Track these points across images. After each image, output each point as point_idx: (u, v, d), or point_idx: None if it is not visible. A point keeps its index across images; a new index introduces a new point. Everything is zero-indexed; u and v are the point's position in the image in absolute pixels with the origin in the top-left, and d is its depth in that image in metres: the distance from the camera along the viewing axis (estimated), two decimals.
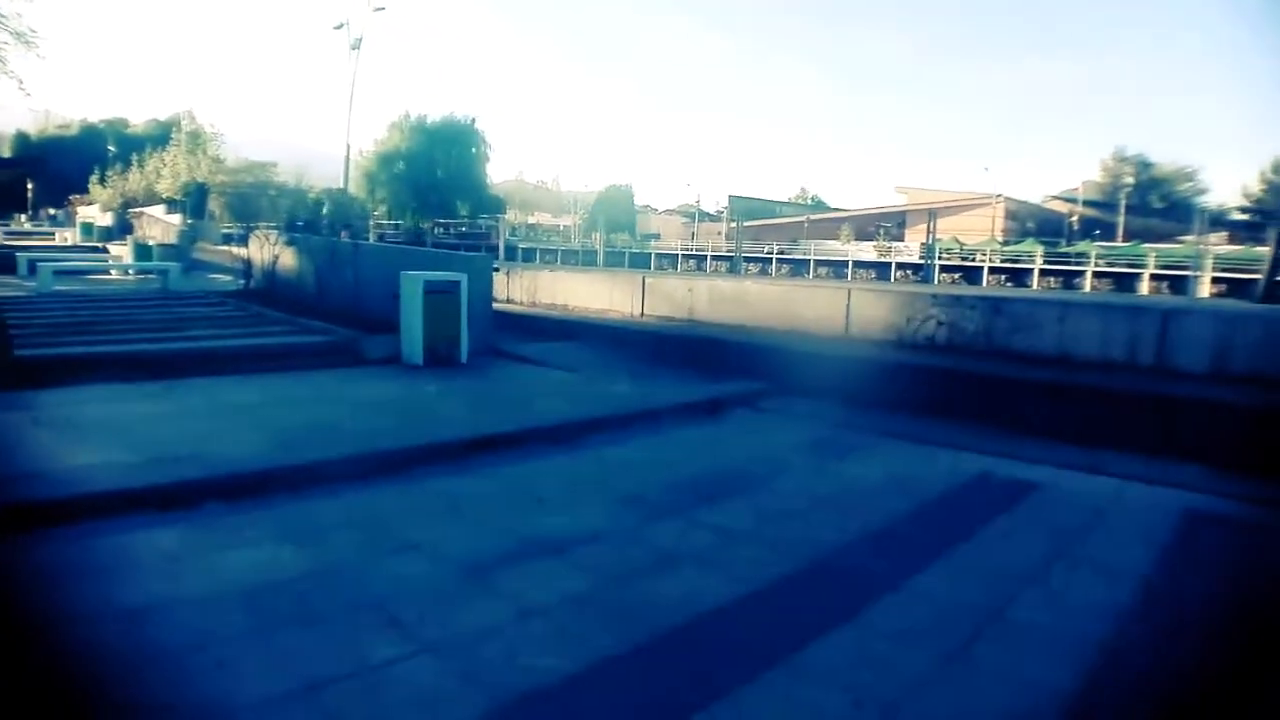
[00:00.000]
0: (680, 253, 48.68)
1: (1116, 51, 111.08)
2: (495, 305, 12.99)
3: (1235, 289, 29.73)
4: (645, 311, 11.12)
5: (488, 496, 4.88)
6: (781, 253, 44.39)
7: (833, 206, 67.07)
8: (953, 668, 3.01)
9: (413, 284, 9.01)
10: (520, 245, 53.09)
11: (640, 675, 2.89)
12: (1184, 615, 3.56)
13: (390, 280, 9.58)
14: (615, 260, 47.32)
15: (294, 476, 4.86)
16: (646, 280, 11.42)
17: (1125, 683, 2.92)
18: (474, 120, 64.49)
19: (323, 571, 3.66)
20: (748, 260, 44.62)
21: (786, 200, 72.09)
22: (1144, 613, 3.54)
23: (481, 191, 67.45)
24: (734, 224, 60.69)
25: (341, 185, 41.85)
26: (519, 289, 14.28)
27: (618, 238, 55.20)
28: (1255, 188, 69.54)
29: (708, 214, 69.35)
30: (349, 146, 42.59)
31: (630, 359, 9.49)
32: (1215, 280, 31.51)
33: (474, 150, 65.41)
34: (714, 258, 46.99)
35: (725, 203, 65.03)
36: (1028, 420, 6.93)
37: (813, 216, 50.82)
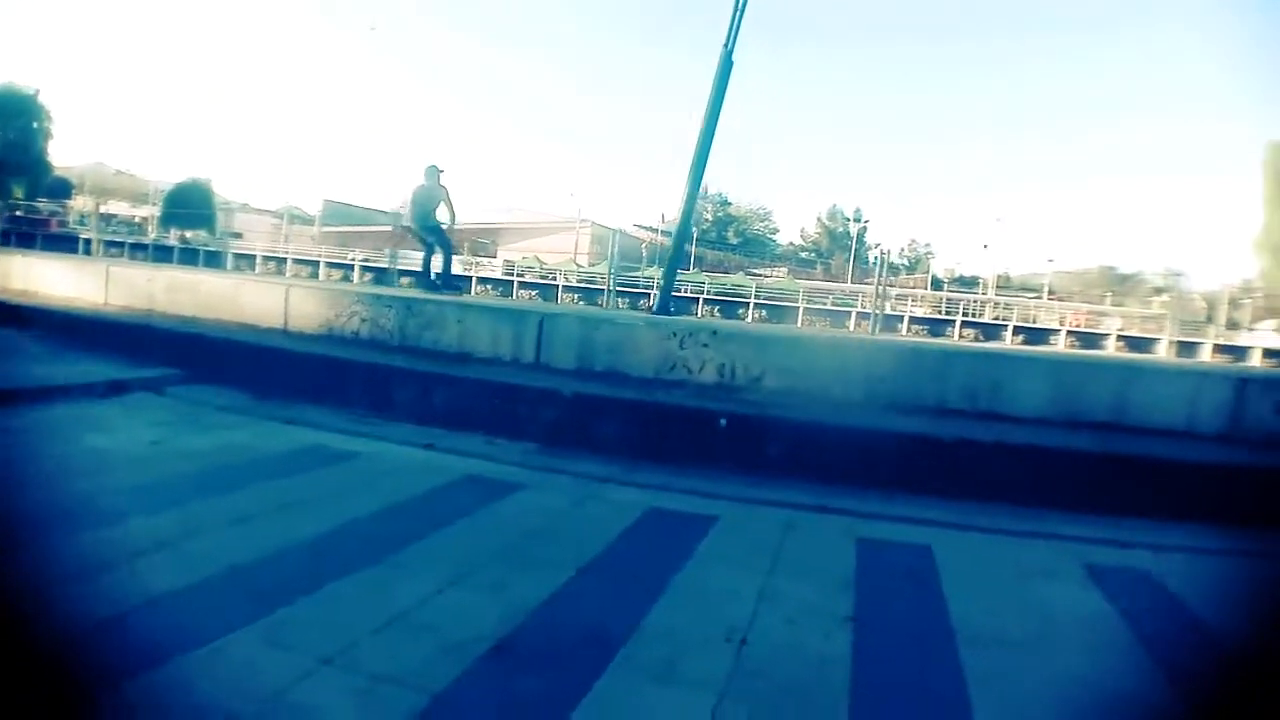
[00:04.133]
0: (261, 254, 45.86)
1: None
2: None
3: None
4: (109, 300, 10.90)
5: None
6: (365, 260, 44.09)
7: None
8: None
9: None
10: (82, 235, 46.74)
11: None
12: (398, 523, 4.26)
13: None
14: (189, 258, 43.10)
15: None
16: (111, 270, 11.25)
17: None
18: (37, 92, 56.79)
19: None
20: (331, 266, 43.58)
21: (389, 211, 71.70)
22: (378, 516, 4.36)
23: (43, 171, 59.16)
24: (325, 229, 58.83)
25: None
26: None
27: (195, 235, 50.60)
28: (813, 230, 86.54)
29: (306, 216, 66.49)
30: None
31: (68, 345, 9.12)
32: (757, 305, 39.15)
33: (35, 125, 57.61)
34: (295, 261, 44.96)
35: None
36: (395, 404, 7.34)
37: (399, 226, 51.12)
